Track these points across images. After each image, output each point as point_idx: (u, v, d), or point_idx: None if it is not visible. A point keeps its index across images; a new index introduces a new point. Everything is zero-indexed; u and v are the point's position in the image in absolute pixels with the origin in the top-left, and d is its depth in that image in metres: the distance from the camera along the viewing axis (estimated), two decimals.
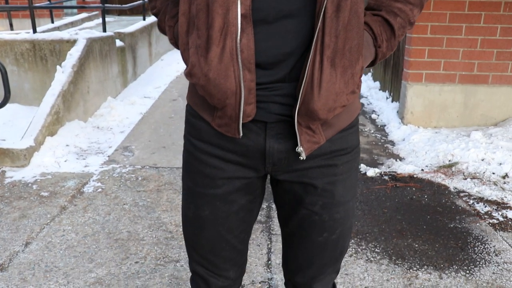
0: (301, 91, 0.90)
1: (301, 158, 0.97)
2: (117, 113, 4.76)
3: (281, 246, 2.46)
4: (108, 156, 3.75)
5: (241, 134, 0.96)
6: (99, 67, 4.99)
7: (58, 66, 4.37)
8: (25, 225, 2.65)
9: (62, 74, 4.32)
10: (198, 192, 1.06)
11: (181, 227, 2.64)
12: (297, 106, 0.91)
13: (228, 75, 0.88)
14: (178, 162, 3.63)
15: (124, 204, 2.93)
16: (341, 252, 1.15)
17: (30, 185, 3.19)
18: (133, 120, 4.67)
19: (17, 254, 2.36)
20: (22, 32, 5.22)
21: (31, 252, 2.38)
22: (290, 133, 0.97)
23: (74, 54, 4.47)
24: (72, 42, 4.68)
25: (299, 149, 0.96)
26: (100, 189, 3.13)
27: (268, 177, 1.13)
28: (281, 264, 2.30)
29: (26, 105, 4.91)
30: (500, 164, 3.54)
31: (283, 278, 2.19)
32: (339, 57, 0.89)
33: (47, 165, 3.53)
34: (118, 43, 5.72)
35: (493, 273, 2.28)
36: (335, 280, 1.29)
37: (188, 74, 0.94)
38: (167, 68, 6.97)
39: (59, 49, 4.72)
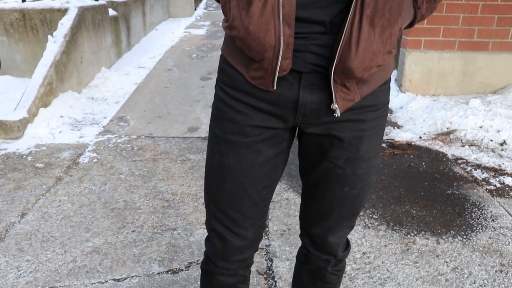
0: (338, 49, 0.90)
1: (336, 115, 0.98)
2: (112, 83, 4.69)
3: (278, 213, 2.46)
4: (103, 126, 3.71)
5: (275, 88, 0.96)
6: (92, 37, 4.88)
7: (49, 36, 4.28)
8: (20, 196, 2.63)
9: (54, 44, 4.23)
10: (224, 138, 1.04)
11: (178, 195, 2.65)
12: (334, 64, 0.92)
13: (268, 29, 0.89)
14: (174, 131, 3.60)
15: (120, 174, 2.90)
16: (359, 207, 1.16)
17: (24, 156, 3.15)
18: (128, 90, 4.61)
19: (13, 225, 2.35)
20: (10, 1, 5.08)
21: (27, 223, 2.37)
22: (324, 85, 0.97)
23: (65, 24, 4.37)
24: (63, 11, 4.57)
25: (334, 106, 0.96)
26: (95, 160, 3.10)
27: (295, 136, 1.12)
28: (279, 231, 2.30)
29: (18, 76, 4.83)
30: (498, 131, 3.52)
31: (280, 244, 2.19)
32: (378, 16, 0.89)
33: (42, 137, 3.49)
34: (111, 12, 5.60)
35: (490, 237, 2.29)
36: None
37: (228, 27, 0.96)
38: (161, 38, 6.86)
39: (50, 18, 4.61)
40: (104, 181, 2.80)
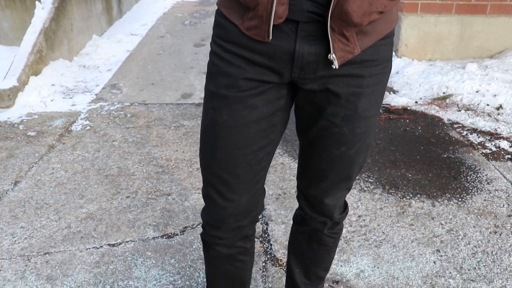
0: None
1: (334, 67, 0.92)
2: (103, 51, 4.60)
3: (273, 178, 2.44)
4: (96, 94, 3.65)
5: (271, 38, 0.91)
6: (81, 3, 4.76)
7: (37, 2, 4.16)
8: (13, 164, 2.60)
9: (42, 11, 4.11)
10: (218, 94, 1.00)
11: (172, 161, 2.63)
12: (331, 8, 0.86)
13: None
14: (168, 98, 3.55)
15: (113, 141, 2.87)
16: (356, 169, 1.12)
17: (16, 125, 3.11)
18: (120, 58, 4.52)
19: (6, 193, 2.33)
20: None
21: (20, 191, 2.35)
22: (322, 36, 0.92)
23: None
24: None
25: (332, 56, 0.91)
26: (88, 127, 3.06)
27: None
28: (274, 195, 2.29)
29: (7, 45, 4.72)
30: (495, 95, 3.49)
31: (276, 208, 2.19)
32: None
33: (33, 105, 3.43)
34: None
35: (485, 200, 2.29)
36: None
37: None
38: (153, 5, 6.70)
39: None
40: (97, 148, 2.77)
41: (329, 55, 0.92)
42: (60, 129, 3.03)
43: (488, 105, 3.41)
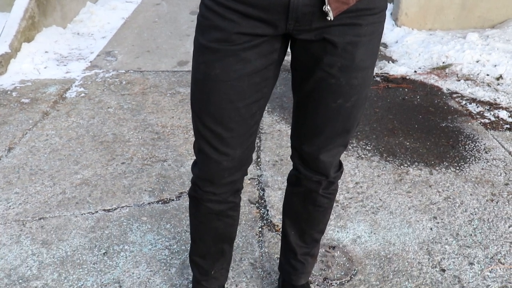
0: None
1: (329, 19, 0.90)
2: (98, 18, 4.49)
3: (270, 144, 2.42)
4: (90, 61, 3.58)
5: None
6: None
7: None
8: (6, 131, 2.56)
9: None
10: (210, 47, 0.97)
11: (168, 127, 2.60)
12: None
13: None
14: (164, 65, 3.49)
15: (108, 107, 2.83)
16: (353, 123, 1.10)
17: (9, 92, 3.05)
18: (115, 25, 4.43)
19: (0, 159, 2.30)
20: None
21: (14, 157, 2.32)
22: None
23: None
24: None
25: (326, 8, 0.89)
26: (83, 94, 3.01)
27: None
28: (271, 161, 2.27)
29: None
30: (495, 65, 3.45)
31: (272, 174, 2.17)
32: None
33: (26, 72, 3.37)
34: None
35: (482, 168, 2.28)
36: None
37: None
38: None
39: None
40: (92, 115, 2.73)
41: (323, 7, 0.89)
42: (54, 96, 2.98)
43: (488, 75, 3.37)
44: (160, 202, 1.98)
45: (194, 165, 1.15)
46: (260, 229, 1.84)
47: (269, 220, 1.89)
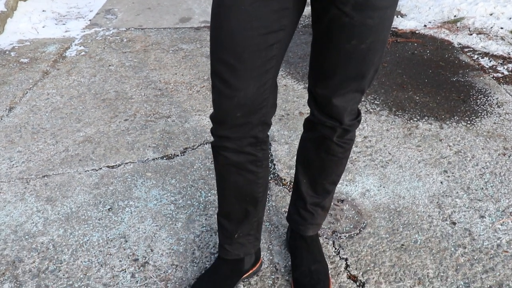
0: None
1: None
2: None
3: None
4: (90, 20, 3.49)
5: None
6: None
7: None
8: (6, 91, 2.51)
9: None
10: None
11: (171, 84, 2.54)
12: None
13: None
14: (165, 22, 3.39)
15: (109, 65, 2.76)
16: (369, 68, 1.03)
17: (7, 52, 2.98)
18: None
19: (1, 119, 2.26)
20: None
21: (15, 116, 2.27)
22: None
23: None
24: None
25: None
26: (83, 53, 2.93)
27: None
28: (277, 116, 2.21)
29: None
30: (510, 18, 3.32)
31: (279, 129, 2.12)
32: None
33: (24, 32, 3.29)
34: None
35: (494, 123, 2.22)
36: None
37: None
38: None
39: None
40: (93, 73, 2.67)
41: None
42: (54, 55, 2.91)
43: (502, 28, 3.26)
44: (164, 158, 1.95)
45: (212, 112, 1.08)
46: None
47: (276, 174, 1.85)
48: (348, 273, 1.42)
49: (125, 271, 1.43)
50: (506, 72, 2.74)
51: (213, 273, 1.32)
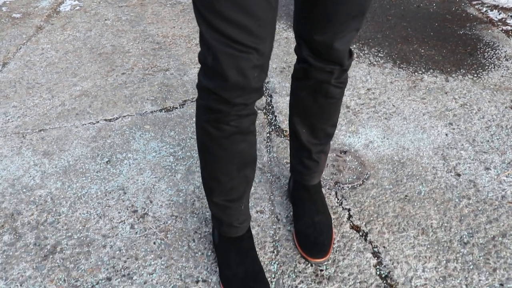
0: None
1: None
2: None
3: (277, 52, 2.30)
4: None
5: None
6: None
7: None
8: None
9: None
10: None
11: (170, 37, 2.47)
12: None
13: None
14: None
15: (105, 19, 2.67)
16: (369, 2, 0.97)
17: None
18: None
19: None
20: None
21: (9, 72, 2.21)
22: None
23: None
24: None
25: None
26: (78, 7, 2.84)
27: None
28: (278, 68, 2.15)
29: None
30: None
31: (280, 81, 2.07)
32: None
33: None
34: None
35: (502, 76, 2.16)
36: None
37: None
38: None
39: None
40: (89, 28, 2.59)
41: None
42: (47, 10, 2.82)
43: None
44: (163, 111, 1.90)
45: (208, 79, 0.90)
46: (268, 135, 1.76)
47: (277, 126, 1.81)
48: (351, 223, 1.40)
49: (124, 223, 1.41)
50: None
51: (244, 256, 1.21)
